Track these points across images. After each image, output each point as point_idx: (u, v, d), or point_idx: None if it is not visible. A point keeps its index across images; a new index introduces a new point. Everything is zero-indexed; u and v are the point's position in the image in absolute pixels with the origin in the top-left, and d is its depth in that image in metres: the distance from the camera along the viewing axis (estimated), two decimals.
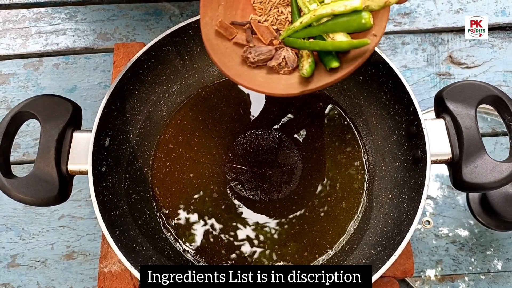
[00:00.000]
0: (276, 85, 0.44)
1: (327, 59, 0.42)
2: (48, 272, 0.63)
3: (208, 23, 0.45)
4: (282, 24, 0.46)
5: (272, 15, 0.46)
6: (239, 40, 0.46)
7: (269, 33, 0.45)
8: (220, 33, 0.46)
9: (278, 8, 0.46)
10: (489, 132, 0.69)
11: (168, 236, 0.56)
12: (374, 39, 0.41)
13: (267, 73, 0.45)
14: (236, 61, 0.45)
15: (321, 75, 0.43)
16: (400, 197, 0.54)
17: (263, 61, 0.45)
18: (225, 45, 0.46)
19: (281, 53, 0.44)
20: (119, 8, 0.78)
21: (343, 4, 0.40)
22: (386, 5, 0.40)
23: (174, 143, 0.60)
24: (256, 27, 0.46)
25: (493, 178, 0.47)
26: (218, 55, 0.45)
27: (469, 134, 0.48)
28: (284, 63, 0.44)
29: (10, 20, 0.77)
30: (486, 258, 0.62)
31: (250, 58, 0.44)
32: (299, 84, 0.43)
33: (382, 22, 0.41)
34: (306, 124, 0.61)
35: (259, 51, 0.44)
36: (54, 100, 0.50)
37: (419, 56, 0.74)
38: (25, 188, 0.47)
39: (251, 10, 0.47)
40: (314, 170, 0.59)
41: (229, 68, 0.44)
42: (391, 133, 0.57)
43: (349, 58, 0.42)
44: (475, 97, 0.50)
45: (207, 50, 0.45)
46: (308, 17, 0.42)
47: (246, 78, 0.44)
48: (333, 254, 0.55)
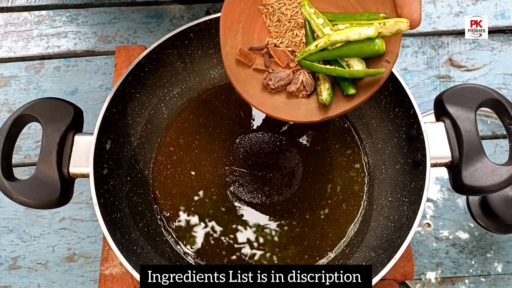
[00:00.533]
0: (297, 111, 0.46)
1: (344, 85, 0.44)
2: (49, 275, 0.63)
3: (229, 52, 0.47)
4: (297, 46, 0.47)
5: (287, 37, 0.48)
6: (258, 65, 0.47)
7: (285, 56, 0.47)
8: (240, 61, 0.47)
9: (292, 30, 0.48)
10: (489, 135, 0.69)
11: (169, 238, 0.56)
12: (387, 66, 0.42)
13: (286, 97, 0.46)
14: (257, 88, 0.47)
15: (339, 100, 0.45)
16: (400, 200, 0.54)
17: (283, 86, 0.46)
18: (246, 72, 0.47)
19: (299, 77, 0.45)
20: (120, 11, 0.78)
21: (358, 32, 0.41)
22: (398, 32, 0.41)
23: (175, 146, 0.61)
24: (273, 51, 0.47)
25: (492, 181, 0.47)
26: (240, 83, 0.46)
27: (468, 137, 0.48)
28: (302, 87, 0.45)
29: (11, 22, 0.78)
30: (486, 261, 0.62)
31: (271, 84, 0.46)
32: (318, 110, 0.45)
33: (395, 49, 0.43)
34: (306, 126, 0.61)
35: (278, 77, 0.46)
36: (55, 103, 0.51)
37: (419, 59, 0.74)
38: (27, 190, 0.47)
39: (267, 33, 0.49)
40: (315, 173, 0.59)
41: (252, 97, 0.46)
42: (391, 136, 0.57)
43: (364, 84, 0.44)
44: (475, 100, 0.50)
45: (231, 80, 0.46)
46: (323, 42, 0.43)
47: (269, 106, 0.46)
48: (333, 257, 0.55)
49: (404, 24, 0.41)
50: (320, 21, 0.45)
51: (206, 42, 0.60)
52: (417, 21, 0.41)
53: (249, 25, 0.48)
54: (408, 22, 0.41)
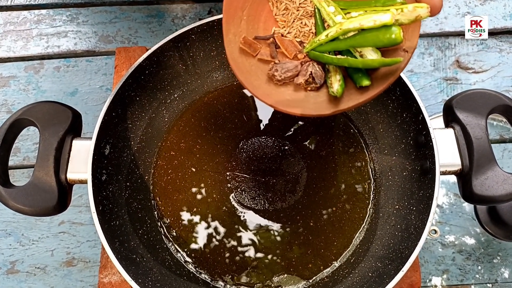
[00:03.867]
0: (305, 104, 0.42)
1: (357, 76, 0.41)
2: (48, 279, 0.62)
3: (231, 40, 0.44)
4: (305, 36, 0.45)
5: (295, 27, 0.45)
6: (264, 56, 0.44)
7: (293, 47, 0.44)
8: (244, 50, 0.44)
9: (301, 20, 0.45)
10: (497, 139, 0.68)
11: (169, 246, 0.55)
12: (405, 56, 0.39)
13: (294, 90, 0.43)
14: (262, 79, 0.44)
15: (351, 93, 0.42)
16: (407, 208, 0.52)
17: (290, 78, 0.43)
18: (250, 62, 0.44)
19: (308, 68, 0.43)
20: (121, 10, 0.77)
21: (372, 19, 0.38)
22: (417, 20, 0.38)
23: (176, 150, 0.59)
24: (280, 41, 0.44)
25: (504, 191, 0.46)
26: (244, 74, 0.43)
27: (479, 144, 0.47)
28: (312, 79, 0.42)
29: (11, 22, 0.77)
30: (493, 268, 0.62)
31: (277, 76, 0.43)
32: (328, 103, 0.42)
33: (413, 38, 0.40)
34: (311, 131, 0.60)
35: (285, 68, 0.43)
36: (53, 107, 0.50)
37: (426, 61, 0.73)
38: (23, 198, 0.46)
39: (274, 23, 0.46)
40: (319, 178, 0.58)
41: (256, 88, 0.43)
42: (399, 142, 0.56)
43: (379, 75, 0.41)
44: (486, 106, 0.49)
45: (233, 69, 0.43)
46: (334, 31, 0.41)
47: (275, 98, 0.43)
48: (338, 266, 0.54)
49: (424, 10, 0.37)
50: (331, 9, 0.42)
51: (208, 44, 0.59)
52: (438, 6, 0.37)
53: (254, 13, 0.45)
54: (428, 8, 0.37)
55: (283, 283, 0.53)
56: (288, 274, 0.54)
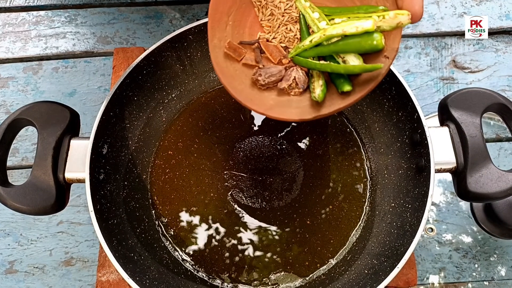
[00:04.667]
0: (288, 109, 0.43)
1: (339, 82, 0.41)
2: (46, 279, 0.62)
3: (216, 45, 0.44)
4: (290, 41, 0.45)
5: (280, 32, 0.45)
6: (248, 61, 0.45)
7: (278, 52, 0.44)
8: (229, 55, 0.45)
9: (286, 25, 0.45)
10: (493, 138, 0.68)
11: (167, 244, 0.55)
12: (386, 62, 0.40)
13: (277, 95, 0.44)
14: (246, 83, 0.44)
15: (333, 98, 0.42)
16: (403, 206, 0.53)
17: (274, 83, 0.44)
18: (234, 67, 0.45)
19: (291, 73, 0.43)
20: (120, 11, 0.77)
21: (355, 25, 0.39)
22: (398, 26, 0.39)
23: (173, 149, 0.60)
24: (265, 46, 0.45)
25: (498, 188, 0.46)
26: (228, 78, 0.44)
27: (474, 142, 0.47)
28: (295, 84, 0.43)
29: (9, 23, 0.77)
30: (490, 265, 0.62)
31: (261, 80, 0.43)
32: (311, 107, 0.42)
33: (394, 44, 0.40)
34: (307, 130, 0.61)
35: (269, 72, 0.43)
36: (51, 107, 0.50)
37: (422, 61, 0.73)
38: (21, 197, 0.46)
39: (259, 28, 0.46)
40: (316, 177, 0.58)
41: (239, 93, 0.43)
42: (394, 140, 0.56)
43: (360, 81, 0.41)
44: (480, 104, 0.49)
45: (217, 74, 0.43)
46: (318, 37, 0.41)
47: (257, 102, 0.43)
48: (335, 264, 0.54)
49: (405, 17, 0.38)
50: (315, 15, 0.43)
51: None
52: (418, 14, 0.38)
53: (240, 18, 0.46)
54: (409, 15, 0.38)
55: (280, 280, 0.54)
56: (285, 272, 0.54)
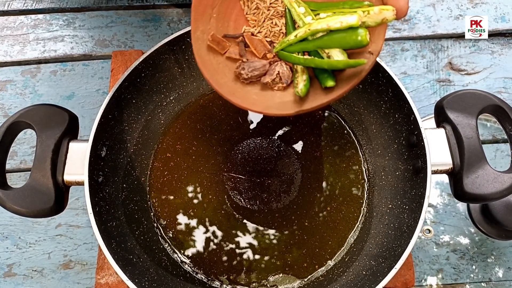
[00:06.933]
0: (270, 103, 0.42)
1: (323, 77, 0.41)
2: (45, 282, 0.62)
3: (199, 37, 0.44)
4: (276, 36, 0.45)
5: (265, 27, 0.45)
6: (232, 54, 0.44)
7: (262, 46, 0.44)
8: (212, 48, 0.44)
9: (272, 19, 0.45)
10: (490, 139, 0.69)
11: (166, 246, 0.55)
12: (370, 58, 0.40)
13: (261, 89, 0.43)
14: (229, 77, 0.44)
15: (316, 93, 0.42)
16: (400, 207, 0.53)
17: (257, 77, 0.43)
18: (217, 60, 0.44)
19: (275, 68, 0.43)
20: (118, 14, 0.77)
21: (339, 20, 0.39)
22: (383, 22, 0.39)
23: (172, 152, 0.60)
24: (250, 40, 0.44)
25: (494, 189, 0.46)
26: (210, 71, 0.43)
27: (470, 144, 0.48)
28: (278, 79, 0.42)
29: (8, 26, 0.77)
30: (487, 267, 0.62)
31: (244, 74, 0.43)
32: (293, 103, 0.42)
33: (379, 40, 0.40)
34: (305, 132, 0.61)
35: (252, 66, 0.43)
36: (50, 110, 0.50)
37: (419, 63, 0.74)
38: (21, 199, 0.46)
39: (244, 22, 0.46)
40: (314, 179, 0.58)
41: (222, 86, 0.43)
42: (391, 142, 0.57)
43: (344, 77, 0.41)
44: (476, 106, 0.49)
45: (199, 66, 0.43)
46: (303, 31, 0.41)
47: (240, 96, 0.43)
48: (333, 265, 0.54)
49: (390, 13, 0.38)
50: (301, 10, 0.42)
51: None
52: (403, 9, 0.38)
53: (224, 11, 0.45)
54: (394, 11, 0.38)
55: (279, 282, 0.54)
56: (284, 274, 0.54)
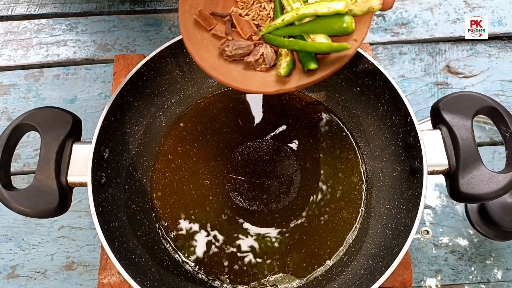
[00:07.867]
0: (251, 81, 0.43)
1: (306, 59, 0.42)
2: (48, 283, 0.63)
3: (187, 10, 0.44)
4: (263, 20, 0.45)
5: (254, 9, 0.45)
6: (218, 32, 0.44)
7: (249, 28, 0.44)
8: (198, 23, 0.44)
9: (260, 3, 0.45)
10: (487, 141, 0.69)
11: (168, 247, 0.56)
12: (354, 44, 0.40)
13: (243, 68, 0.44)
14: (212, 53, 0.44)
15: (298, 75, 0.42)
16: (398, 207, 0.54)
17: (241, 56, 0.44)
18: (202, 35, 0.45)
19: (260, 49, 0.43)
20: (120, 19, 0.78)
21: (327, 6, 0.40)
22: (369, 11, 0.40)
23: (173, 154, 0.61)
24: (237, 20, 0.45)
25: (489, 189, 0.47)
26: (194, 45, 0.44)
27: (465, 145, 0.48)
28: (262, 60, 0.43)
29: (11, 31, 0.78)
30: (485, 268, 0.62)
31: (227, 51, 0.43)
32: (275, 82, 0.43)
33: (364, 28, 0.41)
34: (304, 134, 0.62)
35: (237, 45, 0.43)
36: (54, 112, 0.51)
37: (417, 66, 0.75)
38: (25, 200, 0.47)
39: (233, 3, 0.46)
40: (312, 180, 0.59)
41: (205, 61, 0.43)
42: (389, 143, 0.57)
43: (327, 61, 0.42)
44: (471, 108, 0.50)
45: (184, 38, 0.43)
46: (290, 16, 0.42)
47: (221, 72, 0.43)
48: (332, 265, 0.55)
49: (376, 2, 0.39)
50: None
51: None
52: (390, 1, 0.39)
53: None
54: (380, 1, 0.39)
55: (278, 282, 0.54)
56: (283, 273, 0.55)
